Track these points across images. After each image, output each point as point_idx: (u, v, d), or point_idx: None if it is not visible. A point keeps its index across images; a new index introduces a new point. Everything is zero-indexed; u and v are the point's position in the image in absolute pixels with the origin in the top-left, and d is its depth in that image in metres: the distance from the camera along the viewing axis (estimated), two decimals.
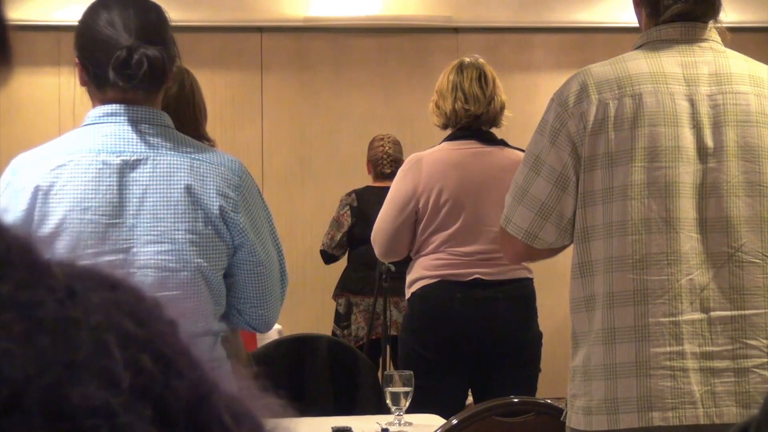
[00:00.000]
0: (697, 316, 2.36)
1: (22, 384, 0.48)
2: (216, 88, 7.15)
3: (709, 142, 2.40)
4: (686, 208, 2.38)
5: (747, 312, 2.38)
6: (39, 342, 0.50)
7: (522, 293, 4.12)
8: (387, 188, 4.32)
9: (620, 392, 2.36)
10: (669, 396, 2.34)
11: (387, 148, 6.02)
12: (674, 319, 2.35)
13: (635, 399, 2.35)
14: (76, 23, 2.43)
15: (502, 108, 4.15)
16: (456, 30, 7.75)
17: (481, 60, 4.22)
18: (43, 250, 0.55)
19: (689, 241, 2.37)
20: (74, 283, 0.53)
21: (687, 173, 2.39)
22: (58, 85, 7.30)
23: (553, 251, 2.55)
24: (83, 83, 2.41)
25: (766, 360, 2.37)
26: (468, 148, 4.10)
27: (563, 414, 2.52)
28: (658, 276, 2.36)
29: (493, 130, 4.19)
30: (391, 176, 5.08)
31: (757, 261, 2.39)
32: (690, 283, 2.37)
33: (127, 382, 0.51)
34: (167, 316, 0.56)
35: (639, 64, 2.45)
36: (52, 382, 0.49)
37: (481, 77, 4.13)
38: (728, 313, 2.37)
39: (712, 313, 2.37)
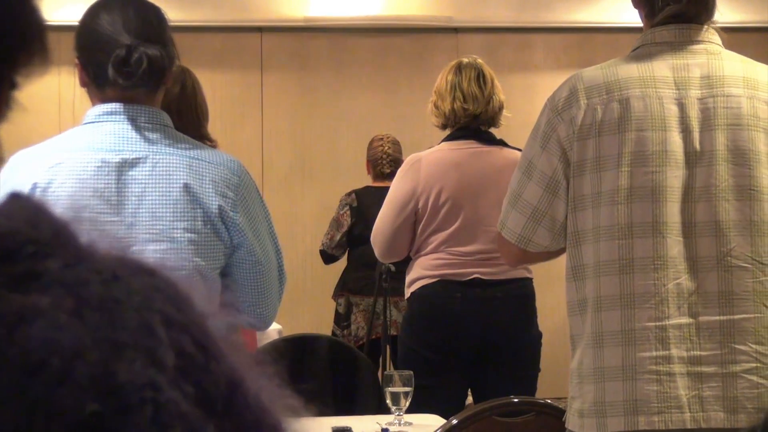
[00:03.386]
0: (685, 320, 2.36)
1: (73, 357, 0.50)
2: (216, 88, 7.15)
3: (698, 145, 2.39)
4: (674, 213, 2.38)
5: (736, 317, 2.36)
6: (87, 319, 0.51)
7: (521, 293, 4.12)
8: (387, 188, 4.32)
9: (608, 396, 2.37)
10: (655, 400, 2.34)
11: (386, 148, 6.02)
12: (660, 323, 2.35)
13: (621, 403, 2.35)
14: (76, 23, 2.43)
15: (501, 108, 4.16)
16: (456, 30, 7.75)
17: (479, 60, 4.23)
18: (85, 238, 0.57)
19: (677, 246, 2.37)
20: (116, 267, 0.55)
21: (675, 177, 2.38)
22: (58, 85, 7.30)
23: (550, 254, 2.55)
24: (83, 84, 2.42)
25: (754, 365, 2.36)
26: (467, 148, 4.10)
27: (564, 415, 2.52)
28: (645, 280, 2.36)
29: (492, 130, 4.19)
30: (390, 176, 5.08)
31: (747, 265, 2.38)
32: (677, 287, 2.36)
33: (171, 362, 0.52)
34: (198, 306, 0.58)
35: (629, 68, 2.44)
36: (101, 357, 0.50)
37: (480, 77, 4.14)
38: (716, 317, 2.36)
39: (701, 318, 2.36)
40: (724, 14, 2.56)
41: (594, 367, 2.39)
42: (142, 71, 2.29)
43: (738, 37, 2.61)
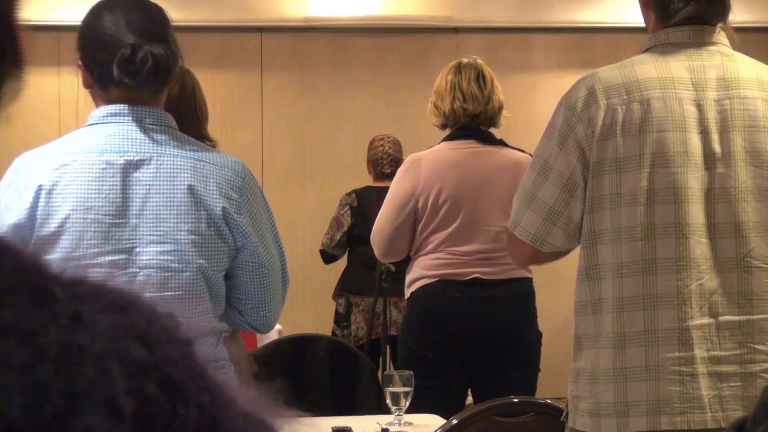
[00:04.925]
0: (706, 320, 2.37)
1: (20, 419, 0.47)
2: (216, 88, 7.15)
3: (717, 147, 2.40)
4: (695, 214, 2.38)
5: (755, 317, 2.38)
6: (39, 372, 0.48)
7: (521, 293, 4.12)
8: (387, 188, 4.33)
9: (630, 396, 2.37)
10: (678, 400, 2.34)
11: (387, 147, 6.03)
12: (684, 324, 2.36)
13: (644, 403, 2.36)
14: (77, 23, 2.43)
15: (501, 108, 4.16)
16: (456, 30, 7.75)
17: (479, 60, 4.23)
18: (49, 270, 0.53)
19: (699, 247, 2.37)
20: (80, 307, 0.52)
21: (695, 179, 2.39)
22: (59, 85, 7.30)
23: (560, 254, 2.55)
24: (87, 85, 2.41)
25: None
26: (467, 147, 4.10)
27: (563, 414, 2.52)
28: (668, 281, 2.36)
29: (492, 130, 4.20)
30: (391, 176, 5.08)
31: (765, 266, 2.39)
32: (699, 288, 2.37)
33: (131, 411, 0.49)
34: (181, 336, 0.54)
35: (647, 68, 2.44)
36: (53, 413, 0.48)
37: (479, 77, 4.14)
38: (736, 318, 2.37)
39: (721, 318, 2.37)
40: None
41: (614, 368, 2.38)
42: (147, 70, 2.29)
43: (739, 38, 2.60)
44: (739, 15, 2.62)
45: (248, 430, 0.54)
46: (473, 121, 4.12)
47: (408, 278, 4.17)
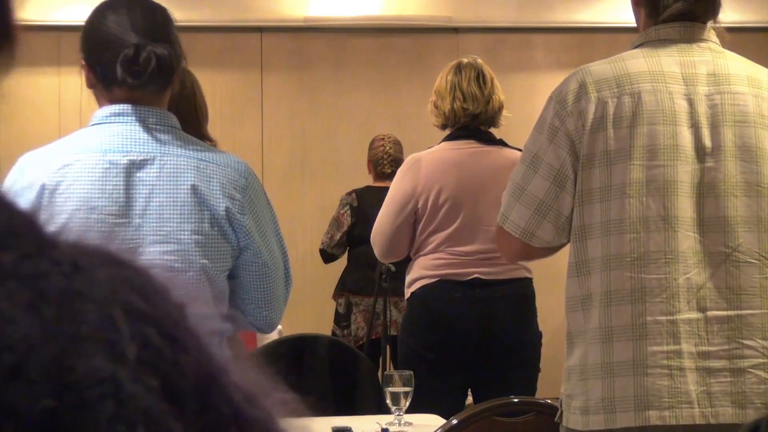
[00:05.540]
0: (694, 315, 2.37)
1: (26, 352, 0.48)
2: (216, 88, 7.15)
3: (707, 141, 2.41)
4: (684, 207, 2.38)
5: (743, 312, 2.38)
6: (43, 312, 0.49)
7: (521, 293, 4.12)
8: (387, 188, 4.33)
9: (617, 391, 2.36)
10: (666, 395, 2.34)
11: (387, 147, 6.03)
12: (672, 317, 2.36)
13: (632, 398, 2.35)
14: (77, 23, 2.44)
15: (501, 107, 4.16)
16: (456, 30, 7.75)
17: (479, 60, 4.23)
18: (48, 227, 0.54)
19: (687, 240, 2.38)
20: (80, 258, 0.53)
21: (685, 172, 2.39)
22: (58, 85, 7.30)
23: (550, 250, 2.55)
24: (90, 85, 2.42)
25: (762, 360, 2.37)
26: (467, 147, 4.10)
27: (558, 414, 2.52)
28: (656, 275, 2.36)
29: (492, 130, 4.20)
30: (391, 176, 5.09)
31: (754, 261, 2.39)
32: (687, 282, 2.37)
33: (134, 355, 0.50)
34: (175, 298, 0.55)
35: (638, 63, 2.45)
36: (57, 352, 0.48)
37: (479, 77, 4.14)
38: (724, 312, 2.38)
39: (709, 313, 2.37)
40: (725, 14, 2.57)
41: (601, 363, 2.38)
42: (150, 70, 2.29)
43: (738, 37, 2.61)
44: (738, 15, 2.63)
45: (251, 388, 0.54)
46: (473, 121, 4.12)
47: (408, 278, 4.18)
